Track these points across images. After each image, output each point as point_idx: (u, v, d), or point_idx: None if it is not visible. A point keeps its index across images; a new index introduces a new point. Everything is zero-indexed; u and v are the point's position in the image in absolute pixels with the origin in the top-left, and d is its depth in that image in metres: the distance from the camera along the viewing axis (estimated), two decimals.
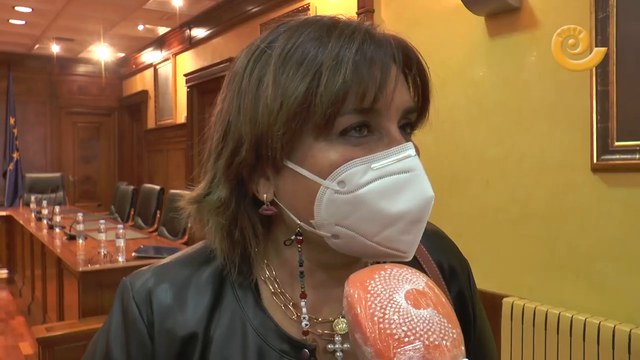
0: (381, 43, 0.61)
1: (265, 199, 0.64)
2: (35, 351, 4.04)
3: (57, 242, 4.27)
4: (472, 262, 2.58)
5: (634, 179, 2.20)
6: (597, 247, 2.32)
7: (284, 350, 0.65)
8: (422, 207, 0.60)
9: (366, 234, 0.60)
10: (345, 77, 0.57)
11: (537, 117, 2.56)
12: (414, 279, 0.54)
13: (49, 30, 7.12)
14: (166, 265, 0.72)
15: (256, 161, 0.62)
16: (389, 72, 0.60)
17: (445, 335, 0.50)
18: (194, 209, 0.68)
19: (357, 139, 0.59)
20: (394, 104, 0.61)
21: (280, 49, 0.61)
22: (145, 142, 8.22)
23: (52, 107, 8.71)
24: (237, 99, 0.63)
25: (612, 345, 2.10)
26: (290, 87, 0.58)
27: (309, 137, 0.60)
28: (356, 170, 0.58)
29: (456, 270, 0.79)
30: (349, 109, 0.58)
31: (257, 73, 0.62)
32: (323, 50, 0.59)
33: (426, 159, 2.59)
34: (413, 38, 0.60)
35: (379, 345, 0.49)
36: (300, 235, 0.64)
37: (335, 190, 0.59)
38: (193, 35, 6.65)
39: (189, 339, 0.65)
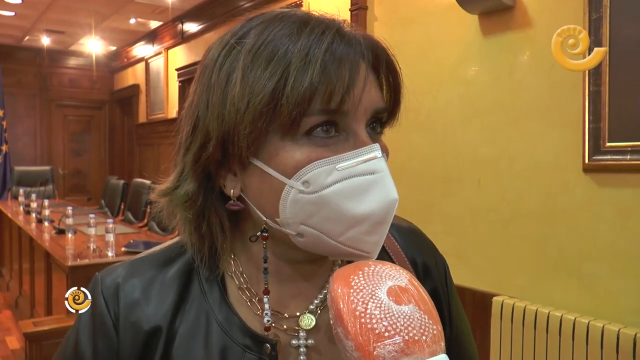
0: (351, 42, 0.61)
1: (232, 194, 0.65)
2: (22, 346, 4.00)
3: (45, 236, 4.24)
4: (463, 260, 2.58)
5: (625, 179, 2.21)
6: (588, 247, 2.33)
7: (247, 345, 0.66)
8: (386, 209, 0.60)
9: (330, 233, 0.60)
10: (312, 78, 0.57)
11: (529, 116, 2.56)
12: (397, 276, 0.55)
13: (39, 22, 7.05)
14: (137, 260, 0.73)
15: (223, 157, 0.63)
16: (357, 72, 0.60)
17: (425, 331, 0.51)
18: (165, 202, 0.69)
19: (323, 140, 0.60)
20: (362, 105, 0.61)
21: (250, 45, 0.61)
22: (136, 136, 8.18)
23: (42, 99, 8.64)
24: (206, 93, 0.63)
25: (600, 344, 2.11)
26: (258, 86, 0.58)
27: (275, 136, 0.60)
28: (321, 171, 0.59)
29: (430, 268, 0.79)
30: (315, 109, 0.58)
31: (226, 68, 0.62)
32: (292, 48, 0.59)
33: (418, 158, 2.59)
34: (406, 36, 0.59)
35: (359, 339, 0.51)
36: (266, 232, 0.64)
37: (299, 190, 0.59)
38: (185, 30, 6.61)
39: (153, 333, 0.67)
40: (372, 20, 3.43)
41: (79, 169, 9.05)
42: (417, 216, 3.25)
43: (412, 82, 0.67)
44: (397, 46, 0.66)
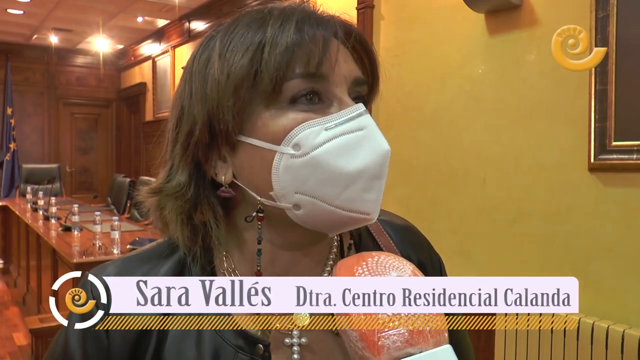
0: (321, 20, 0.62)
1: (223, 180, 0.64)
2: (29, 342, 4.03)
3: (52, 233, 4.26)
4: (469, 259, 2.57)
5: (631, 179, 2.20)
6: (594, 246, 2.32)
7: (240, 345, 0.65)
8: (380, 161, 0.60)
9: (327, 197, 0.59)
10: (287, 43, 0.59)
11: (535, 115, 2.55)
12: (401, 267, 0.55)
13: (48, 20, 7.09)
14: (128, 259, 0.71)
15: (211, 139, 0.62)
16: (330, 41, 0.61)
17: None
18: (153, 202, 0.68)
19: (308, 106, 0.60)
20: (340, 72, 0.62)
21: (225, 31, 0.63)
22: (143, 134, 8.21)
23: (50, 97, 8.69)
24: (188, 84, 0.64)
25: (605, 345, 2.10)
26: (236, 58, 0.60)
27: (259, 107, 0.60)
28: (310, 132, 0.59)
29: (425, 265, 0.79)
30: (295, 73, 0.59)
31: (205, 55, 0.63)
32: (265, 27, 0.61)
33: (424, 155, 2.59)
34: (412, 34, 0.59)
35: (363, 329, 0.51)
36: (262, 212, 0.63)
37: (290, 154, 0.59)
38: (192, 28, 6.62)
39: (144, 334, 0.65)
40: (379, 19, 3.43)
41: (86, 166, 9.09)
42: (422, 214, 3.26)
43: (418, 80, 0.67)
44: (404, 44, 0.66)
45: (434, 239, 0.84)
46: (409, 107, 3.14)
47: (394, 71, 3.18)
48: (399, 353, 0.49)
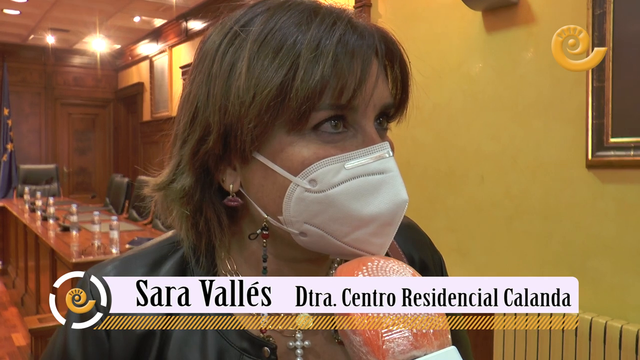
0: (363, 34, 0.58)
1: (231, 189, 0.62)
2: (28, 342, 4.03)
3: (50, 234, 4.26)
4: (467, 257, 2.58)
5: (629, 175, 2.21)
6: (592, 243, 2.33)
7: (244, 348, 0.63)
8: (395, 210, 0.58)
9: (336, 234, 0.58)
10: (323, 72, 0.54)
11: (533, 112, 2.56)
12: (401, 270, 0.55)
13: (44, 20, 7.08)
14: (128, 257, 0.69)
15: (223, 151, 0.59)
16: (369, 66, 0.57)
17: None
18: (160, 197, 0.65)
19: (331, 135, 0.57)
20: (372, 101, 0.58)
21: (257, 33, 0.57)
22: (140, 134, 8.20)
23: (47, 98, 8.68)
24: (206, 83, 0.59)
25: (603, 340, 2.11)
26: (265, 78, 0.55)
27: (281, 131, 0.57)
28: (329, 169, 0.56)
29: (427, 264, 0.78)
30: (325, 104, 0.55)
31: (229, 58, 0.58)
32: (302, 39, 0.55)
33: (422, 153, 2.59)
34: (410, 32, 0.59)
35: (367, 333, 0.50)
36: (267, 230, 0.61)
37: (306, 188, 0.56)
38: (189, 28, 6.62)
39: (146, 336, 0.63)
40: (376, 17, 3.43)
41: (84, 167, 9.09)
42: (421, 212, 3.26)
43: (416, 78, 0.67)
44: (401, 42, 0.65)
45: (432, 236, 0.84)
46: (409, 104, 3.13)
47: None
48: (404, 356, 0.49)
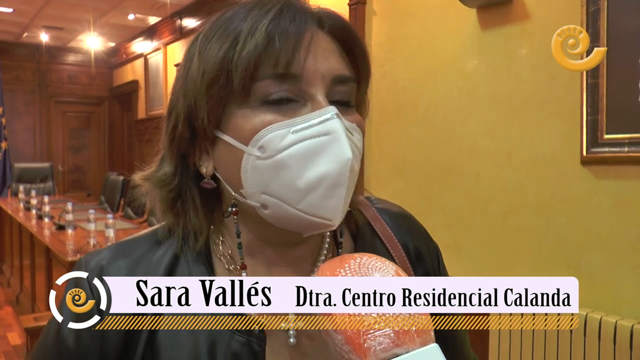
0: (299, 12, 0.62)
1: (205, 172, 0.66)
2: (24, 341, 4.02)
3: (46, 232, 4.25)
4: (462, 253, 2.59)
5: (623, 171, 2.22)
6: (586, 239, 2.34)
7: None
8: (340, 170, 0.59)
9: (289, 200, 0.60)
10: (257, 43, 0.58)
11: (528, 109, 2.57)
12: (384, 267, 0.55)
13: (38, 18, 7.04)
14: (123, 242, 0.72)
15: (191, 135, 0.64)
16: (303, 37, 0.60)
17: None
18: (150, 187, 0.70)
19: (279, 106, 0.60)
20: (317, 69, 0.60)
21: (207, 28, 0.65)
22: (135, 132, 8.18)
23: (41, 96, 8.64)
24: (180, 78, 0.66)
25: (598, 336, 2.12)
26: (210, 56, 0.61)
27: (233, 105, 0.61)
28: (275, 135, 0.59)
29: (422, 252, 0.79)
30: (265, 74, 0.59)
31: (192, 51, 0.65)
32: (242, 22, 0.61)
33: (417, 150, 2.59)
34: (405, 30, 0.60)
35: (348, 332, 0.50)
36: (235, 207, 0.65)
37: (257, 156, 0.60)
38: (184, 25, 6.60)
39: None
40: (371, 15, 3.43)
41: (79, 165, 9.05)
42: (416, 208, 3.25)
43: (411, 76, 0.67)
44: (396, 40, 0.66)
45: None
46: (402, 102, 3.15)
47: (387, 67, 3.18)
48: (385, 354, 0.49)
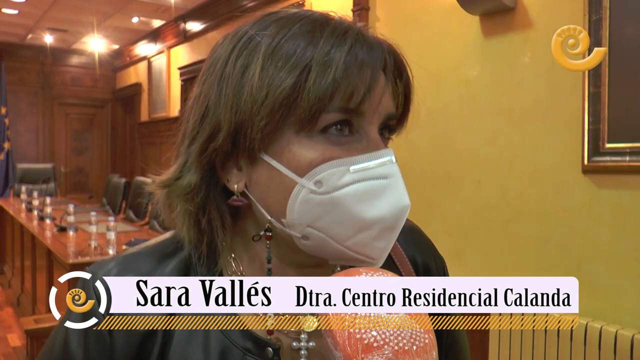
0: (373, 46, 0.60)
1: (236, 189, 0.63)
2: (24, 343, 4.02)
3: (47, 234, 4.25)
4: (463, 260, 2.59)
5: (624, 181, 2.22)
6: (587, 248, 2.34)
7: (248, 348, 0.63)
8: (397, 215, 0.59)
9: (338, 237, 0.59)
10: (335, 76, 0.56)
11: (529, 117, 2.57)
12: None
13: (42, 20, 7.07)
14: (131, 255, 0.69)
15: (232, 149, 0.61)
16: (378, 75, 0.59)
17: (416, 341, 0.50)
18: (163, 194, 0.66)
19: (338, 138, 0.59)
20: (378, 109, 0.61)
21: (271, 38, 0.59)
22: (138, 134, 8.19)
23: (44, 97, 8.65)
24: (218, 84, 0.61)
25: (598, 345, 2.12)
26: (278, 78, 0.57)
27: (290, 131, 0.58)
28: (335, 171, 0.58)
29: (431, 267, 0.78)
30: (335, 107, 0.57)
31: (242, 60, 0.60)
32: (314, 46, 0.58)
33: (419, 157, 2.60)
34: (407, 36, 0.60)
35: (347, 350, 0.49)
36: (270, 232, 0.63)
37: (311, 190, 0.58)
38: (188, 29, 6.62)
39: (148, 335, 0.63)
40: (374, 21, 3.44)
41: (81, 167, 9.06)
42: (417, 215, 3.25)
43: (414, 82, 0.68)
44: (399, 46, 0.66)
45: None
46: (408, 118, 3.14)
47: None
48: None
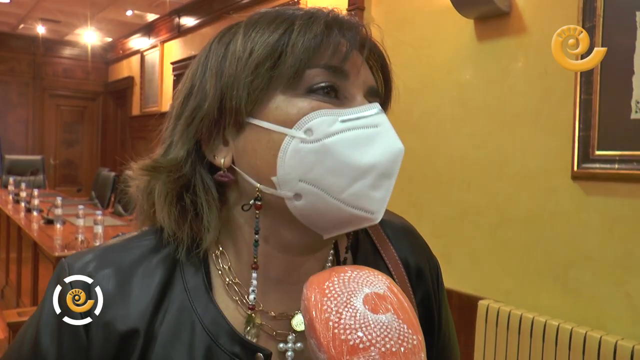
0: (351, 27, 0.61)
1: (222, 163, 0.61)
2: (6, 336, 3.97)
3: (34, 226, 4.21)
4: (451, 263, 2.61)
5: (613, 188, 2.23)
6: (574, 254, 2.35)
7: (236, 352, 0.60)
8: (392, 159, 0.58)
9: (332, 190, 0.56)
10: (317, 32, 0.58)
11: (520, 122, 2.57)
12: (376, 282, 0.52)
13: (35, 10, 7.00)
14: (112, 247, 0.65)
15: (218, 116, 0.60)
16: (358, 37, 0.61)
17: (404, 342, 0.48)
18: (143, 183, 0.65)
19: (325, 97, 0.58)
20: (360, 76, 0.61)
21: (253, 18, 0.62)
22: (129, 128, 8.14)
23: (35, 88, 8.59)
24: (203, 63, 0.62)
25: (582, 351, 2.12)
26: (261, 38, 0.59)
27: (276, 90, 0.58)
28: (325, 119, 0.57)
29: (423, 270, 0.75)
30: (319, 63, 0.58)
31: (226, 39, 0.62)
32: (295, 12, 0.60)
33: (409, 159, 2.60)
34: (402, 37, 0.60)
35: (332, 352, 0.48)
36: (260, 200, 0.60)
37: (301, 139, 0.56)
38: (182, 24, 6.59)
39: (129, 335, 0.59)
40: (369, 21, 3.42)
41: (71, 159, 9.00)
42: (407, 217, 3.25)
43: (406, 84, 0.67)
44: (393, 47, 0.67)
45: None
46: (396, 110, 3.13)
47: None
48: None
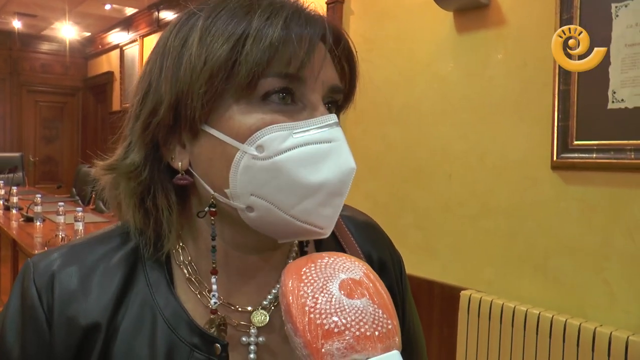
0: (310, 18, 0.60)
1: (180, 166, 0.61)
2: None
3: (13, 224, 4.15)
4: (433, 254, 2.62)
5: (591, 177, 2.26)
6: (554, 243, 2.38)
7: (195, 344, 0.61)
8: (343, 178, 0.58)
9: (283, 205, 0.57)
10: (272, 40, 0.56)
11: (501, 113, 2.59)
12: (352, 268, 0.53)
13: (10, 4, 6.88)
14: (77, 245, 0.67)
15: (174, 122, 0.59)
16: (316, 44, 0.59)
17: (378, 326, 0.49)
18: (109, 180, 0.65)
19: (279, 106, 0.58)
20: (320, 77, 0.60)
21: (209, 12, 0.60)
22: (109, 124, 8.05)
23: (12, 84, 8.44)
24: (160, 59, 0.61)
25: (562, 338, 2.16)
26: (216, 45, 0.57)
27: (230, 100, 0.58)
28: (276, 136, 0.56)
29: (386, 264, 0.77)
30: (273, 71, 0.57)
31: (183, 33, 0.60)
32: (251, 17, 0.58)
33: (391, 151, 2.61)
34: (381, 30, 0.59)
35: (307, 336, 0.48)
36: (214, 207, 0.61)
37: (252, 155, 0.56)
38: (161, 18, 6.52)
39: (91, 329, 0.61)
40: (348, 14, 3.43)
41: (51, 156, 8.88)
42: (388, 209, 3.29)
43: (387, 77, 0.67)
44: (373, 40, 0.66)
45: (399, 233, 0.84)
46: (378, 102, 3.15)
47: (363, 67, 3.17)
48: None
